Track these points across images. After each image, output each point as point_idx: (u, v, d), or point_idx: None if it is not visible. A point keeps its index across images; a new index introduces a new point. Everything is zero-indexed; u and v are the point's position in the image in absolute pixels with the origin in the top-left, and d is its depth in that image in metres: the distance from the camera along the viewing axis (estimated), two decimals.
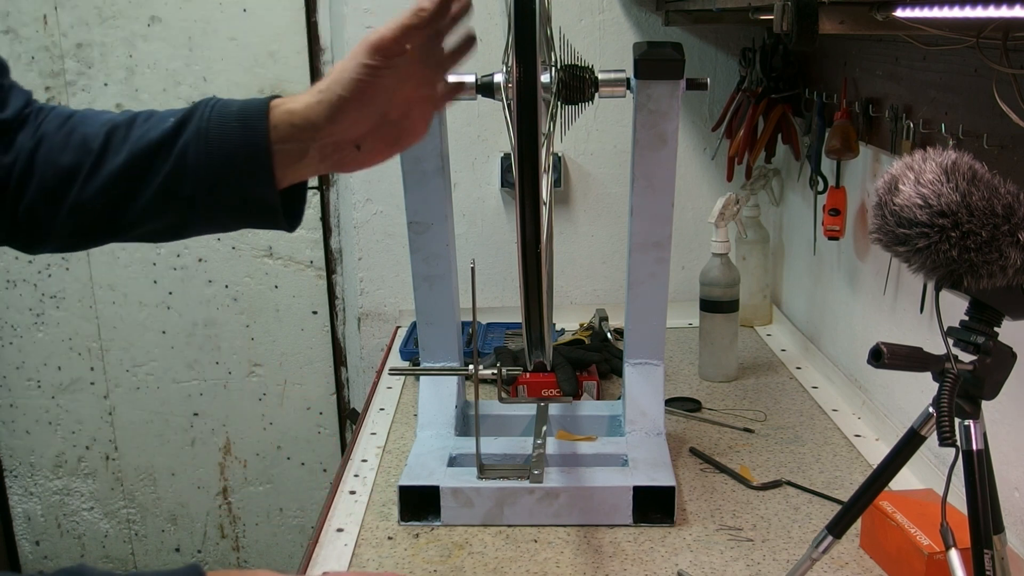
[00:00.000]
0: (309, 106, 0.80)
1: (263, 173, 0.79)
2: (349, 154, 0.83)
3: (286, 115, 0.80)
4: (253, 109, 0.80)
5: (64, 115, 0.82)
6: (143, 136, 0.80)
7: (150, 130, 0.80)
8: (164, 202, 0.80)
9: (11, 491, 2.32)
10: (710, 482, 1.29)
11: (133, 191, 0.80)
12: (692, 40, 1.95)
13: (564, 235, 2.04)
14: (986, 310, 0.78)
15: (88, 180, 0.79)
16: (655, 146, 1.22)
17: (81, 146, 0.80)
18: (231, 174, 0.79)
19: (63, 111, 0.83)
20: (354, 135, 0.82)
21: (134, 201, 0.80)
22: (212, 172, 0.79)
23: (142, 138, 0.80)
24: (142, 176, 0.79)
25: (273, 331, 2.21)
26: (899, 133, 1.34)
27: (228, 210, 0.81)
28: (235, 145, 0.79)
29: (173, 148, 0.79)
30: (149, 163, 0.79)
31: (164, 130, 0.79)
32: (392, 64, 0.80)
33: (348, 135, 0.82)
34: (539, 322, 0.98)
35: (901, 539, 1.04)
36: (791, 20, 0.95)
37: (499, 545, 1.15)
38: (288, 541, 2.37)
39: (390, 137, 0.84)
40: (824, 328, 1.73)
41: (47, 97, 2.06)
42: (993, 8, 0.75)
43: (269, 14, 2.03)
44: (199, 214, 0.81)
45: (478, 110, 1.93)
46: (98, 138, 0.80)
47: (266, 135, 0.79)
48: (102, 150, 0.79)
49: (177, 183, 0.79)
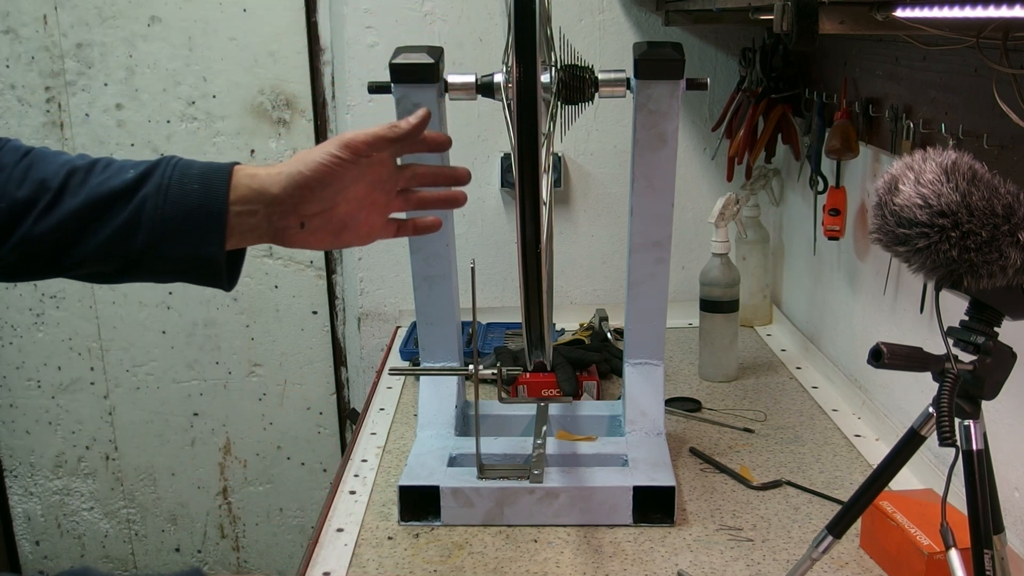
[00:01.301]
0: (270, 175, 0.85)
1: (216, 234, 0.83)
2: (293, 229, 0.87)
3: (247, 178, 0.84)
4: (216, 171, 0.84)
5: (22, 150, 0.84)
6: (103, 183, 0.82)
7: (111, 178, 0.82)
8: (113, 249, 0.82)
9: (11, 491, 2.32)
10: (710, 482, 1.29)
11: (85, 234, 0.82)
12: (692, 40, 1.95)
13: (564, 235, 2.04)
14: (986, 310, 0.78)
15: (42, 217, 0.81)
16: (655, 146, 1.22)
17: (39, 183, 0.81)
18: (185, 231, 0.82)
19: (19, 145, 0.85)
20: (303, 212, 0.86)
21: (83, 244, 0.82)
22: (167, 227, 0.82)
23: (102, 184, 0.82)
24: (97, 221, 0.81)
25: (273, 331, 2.21)
26: (899, 133, 1.34)
27: (174, 264, 0.84)
28: (194, 202, 0.82)
29: (132, 199, 0.82)
30: (106, 209, 0.81)
31: (125, 180, 0.82)
32: (357, 162, 0.86)
33: (298, 210, 0.86)
34: (539, 322, 0.98)
35: (901, 539, 1.04)
36: (791, 20, 0.95)
37: (499, 545, 1.15)
38: (288, 541, 2.37)
39: (333, 227, 0.89)
40: (824, 328, 1.73)
41: (47, 97, 2.06)
42: (993, 8, 0.75)
43: (269, 14, 2.03)
44: (144, 265, 0.84)
45: (478, 110, 1.93)
46: (57, 177, 0.82)
47: (225, 197, 0.83)
48: (60, 190, 0.81)
49: (130, 233, 0.82)
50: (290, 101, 2.08)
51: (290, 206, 0.85)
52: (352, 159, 0.85)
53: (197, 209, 0.82)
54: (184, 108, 2.07)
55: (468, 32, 1.93)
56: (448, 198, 0.96)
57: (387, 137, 0.86)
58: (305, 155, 0.86)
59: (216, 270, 0.84)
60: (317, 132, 2.09)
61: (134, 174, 0.82)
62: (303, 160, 0.85)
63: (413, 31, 1.92)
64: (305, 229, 0.87)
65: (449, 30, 1.92)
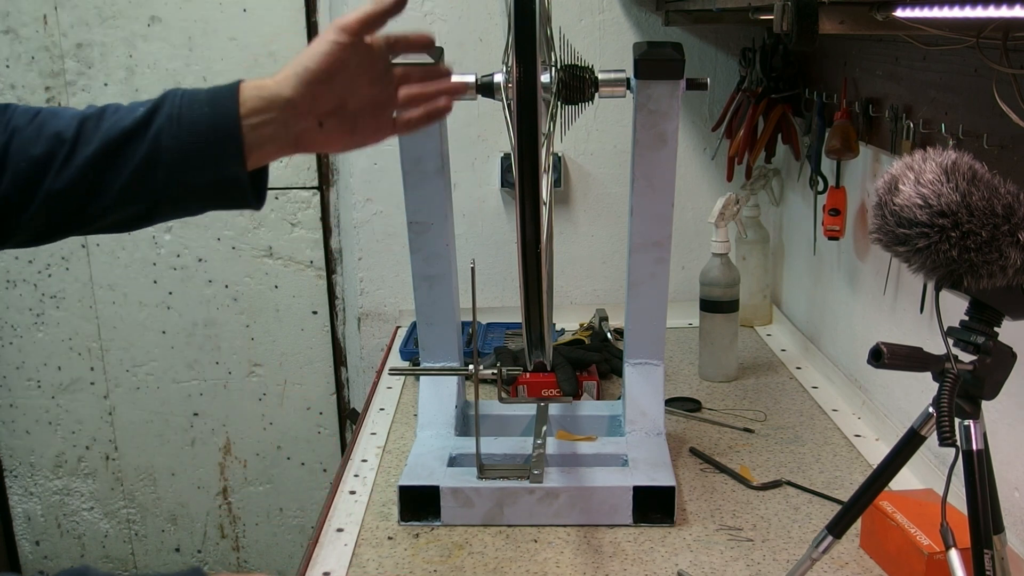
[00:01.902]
0: (278, 80, 0.86)
1: (234, 152, 0.83)
2: (312, 131, 0.88)
3: (255, 90, 0.85)
4: (223, 89, 0.85)
5: (32, 111, 0.85)
6: (115, 124, 0.82)
7: (122, 119, 0.83)
8: (136, 189, 0.83)
9: (11, 491, 2.32)
10: (710, 482, 1.29)
11: (107, 178, 0.82)
12: (692, 40, 1.95)
13: (564, 235, 2.04)
14: (986, 310, 0.78)
15: (62, 169, 0.81)
16: (655, 146, 1.22)
17: (54, 137, 0.82)
18: (204, 155, 0.83)
19: (29, 108, 0.85)
20: (318, 110, 0.87)
21: (106, 190, 0.82)
22: (185, 154, 0.82)
23: (114, 126, 0.82)
24: (115, 162, 0.82)
25: (273, 331, 2.21)
26: (899, 133, 1.34)
27: (198, 191, 0.85)
28: (207, 124, 0.83)
29: (146, 134, 0.82)
30: (122, 149, 0.82)
31: (136, 117, 0.82)
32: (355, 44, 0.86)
33: (314, 109, 0.87)
34: (539, 322, 0.98)
35: (901, 539, 1.04)
36: (791, 20, 0.95)
37: (499, 545, 1.15)
38: (288, 541, 2.37)
39: (348, 125, 0.90)
40: (824, 328, 1.73)
41: (47, 97, 2.06)
42: (993, 8, 0.75)
43: (269, 14, 2.03)
44: (169, 199, 0.84)
45: (478, 110, 1.93)
46: (70, 129, 0.82)
47: (236, 111, 0.84)
48: (75, 140, 0.82)
49: (151, 168, 0.82)
50: None
51: (305, 107, 0.86)
52: (350, 40, 0.86)
53: (211, 131, 0.82)
54: None
55: (468, 32, 1.93)
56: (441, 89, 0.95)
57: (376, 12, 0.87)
58: (306, 52, 0.87)
59: (241, 190, 0.85)
60: None
61: (143, 111, 0.83)
62: (306, 56, 0.86)
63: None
64: (323, 128, 0.88)
65: (449, 30, 1.92)
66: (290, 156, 1.00)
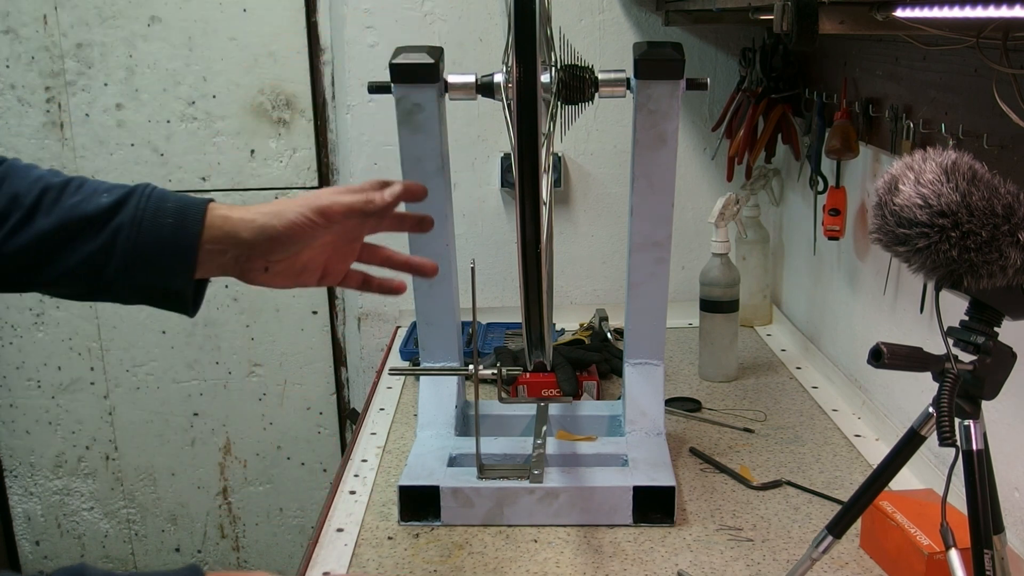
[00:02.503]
0: (244, 220, 0.85)
1: (186, 269, 0.84)
2: (258, 272, 0.88)
3: (220, 219, 0.85)
4: (191, 207, 0.84)
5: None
6: (77, 206, 0.82)
7: (84, 201, 0.82)
8: (83, 273, 0.83)
9: (11, 491, 2.32)
10: (710, 482, 1.29)
11: (56, 256, 0.82)
12: (692, 40, 1.95)
13: (564, 235, 2.04)
14: (986, 310, 0.78)
15: (13, 234, 0.81)
16: (655, 146, 1.22)
17: (12, 198, 0.81)
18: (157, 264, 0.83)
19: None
20: (269, 259, 0.88)
21: (54, 266, 0.82)
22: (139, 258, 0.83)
23: (76, 207, 0.82)
24: (68, 245, 0.82)
25: (273, 331, 2.21)
26: (899, 133, 1.34)
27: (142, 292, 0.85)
28: (168, 237, 0.83)
29: (105, 227, 0.82)
30: (79, 234, 0.82)
31: (100, 205, 0.82)
32: (329, 227, 0.88)
33: (265, 257, 0.87)
34: (539, 322, 0.98)
35: (901, 539, 1.04)
36: (791, 20, 0.95)
37: (499, 545, 1.15)
38: (288, 541, 2.37)
39: (295, 270, 0.91)
40: (824, 328, 1.73)
41: (47, 97, 2.06)
42: (993, 8, 0.75)
43: (269, 14, 2.03)
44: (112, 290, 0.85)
45: (478, 110, 1.93)
46: (30, 195, 0.82)
47: (199, 235, 0.84)
48: (32, 208, 0.81)
49: (103, 261, 0.82)
50: (290, 101, 2.07)
51: (258, 253, 0.86)
52: (325, 224, 0.87)
53: (170, 244, 0.83)
54: (184, 108, 2.07)
55: (468, 32, 1.93)
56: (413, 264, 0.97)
57: (362, 211, 0.88)
58: (281, 208, 0.87)
59: (183, 300, 0.86)
60: (317, 132, 2.09)
61: (108, 200, 0.83)
62: (278, 214, 0.86)
63: (413, 31, 1.92)
64: (268, 272, 0.89)
65: (449, 30, 1.92)
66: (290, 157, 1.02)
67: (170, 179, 2.09)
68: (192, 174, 2.10)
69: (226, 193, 2.10)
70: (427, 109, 1.22)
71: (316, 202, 0.86)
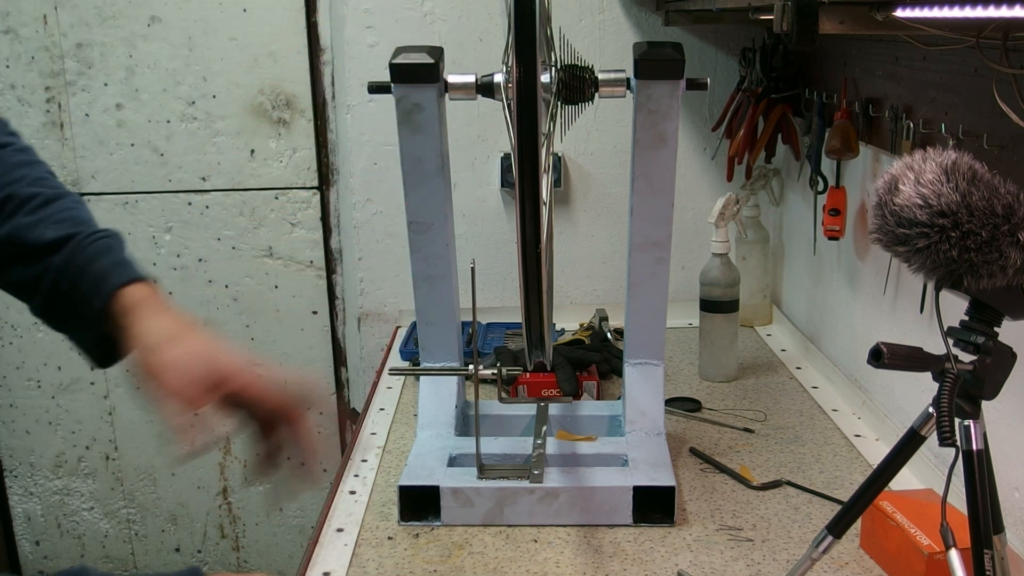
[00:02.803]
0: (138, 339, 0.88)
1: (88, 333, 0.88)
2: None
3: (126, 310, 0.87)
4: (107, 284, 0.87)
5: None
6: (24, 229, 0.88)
7: (32, 227, 0.87)
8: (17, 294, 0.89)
9: (11, 491, 2.32)
10: (710, 482, 1.29)
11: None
12: (692, 40, 1.95)
13: (564, 235, 2.04)
14: (986, 310, 0.78)
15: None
16: (655, 146, 1.22)
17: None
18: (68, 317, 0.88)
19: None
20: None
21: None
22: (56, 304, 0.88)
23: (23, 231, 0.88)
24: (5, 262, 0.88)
25: (273, 331, 2.21)
26: (899, 133, 1.34)
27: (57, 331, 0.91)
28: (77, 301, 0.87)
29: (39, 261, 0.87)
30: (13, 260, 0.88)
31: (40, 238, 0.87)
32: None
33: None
34: (539, 322, 0.98)
35: (901, 539, 1.04)
36: (791, 20, 0.95)
37: (499, 545, 1.15)
38: (288, 541, 2.37)
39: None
40: (824, 328, 1.73)
41: (47, 97, 2.06)
42: (993, 8, 0.75)
43: (269, 14, 2.03)
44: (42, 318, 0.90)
45: (478, 110, 1.93)
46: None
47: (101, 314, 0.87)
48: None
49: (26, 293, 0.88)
50: (290, 101, 2.07)
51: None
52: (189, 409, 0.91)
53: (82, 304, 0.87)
54: (184, 108, 2.07)
55: (468, 32, 1.93)
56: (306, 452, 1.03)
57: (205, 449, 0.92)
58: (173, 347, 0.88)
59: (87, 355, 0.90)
60: (317, 132, 2.09)
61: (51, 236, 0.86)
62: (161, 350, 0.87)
63: (413, 31, 1.92)
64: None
65: (449, 30, 1.92)
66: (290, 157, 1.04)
67: (170, 179, 2.09)
68: (192, 174, 2.10)
69: (226, 193, 2.10)
70: (427, 109, 1.22)
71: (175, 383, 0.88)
